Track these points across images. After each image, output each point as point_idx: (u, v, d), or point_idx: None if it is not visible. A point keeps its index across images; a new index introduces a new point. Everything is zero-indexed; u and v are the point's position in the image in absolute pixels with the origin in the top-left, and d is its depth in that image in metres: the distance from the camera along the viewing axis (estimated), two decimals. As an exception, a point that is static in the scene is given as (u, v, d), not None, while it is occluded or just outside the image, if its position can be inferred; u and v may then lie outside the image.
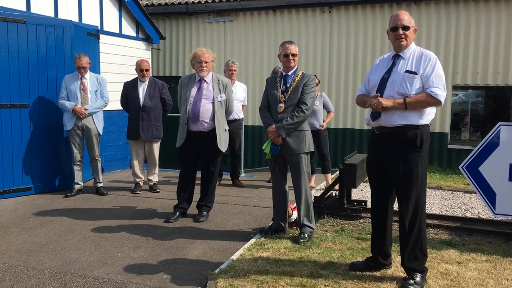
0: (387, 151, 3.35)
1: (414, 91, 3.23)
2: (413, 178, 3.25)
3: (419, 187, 3.27)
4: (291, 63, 4.44)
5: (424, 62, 3.23)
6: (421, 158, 3.26)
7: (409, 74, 3.25)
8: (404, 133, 3.26)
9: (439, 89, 3.18)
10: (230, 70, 6.83)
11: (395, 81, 3.28)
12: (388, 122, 3.30)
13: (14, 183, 6.10)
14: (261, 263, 3.70)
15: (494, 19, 8.51)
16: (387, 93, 3.29)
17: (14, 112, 6.05)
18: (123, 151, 8.51)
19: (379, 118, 3.32)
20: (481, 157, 4.30)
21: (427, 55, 3.27)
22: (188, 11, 10.32)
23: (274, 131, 4.35)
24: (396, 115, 3.25)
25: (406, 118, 3.24)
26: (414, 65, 3.26)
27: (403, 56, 3.34)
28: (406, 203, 3.29)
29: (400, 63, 3.32)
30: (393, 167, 3.31)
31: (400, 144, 3.28)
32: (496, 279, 3.48)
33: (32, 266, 3.75)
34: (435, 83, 3.19)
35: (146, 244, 4.31)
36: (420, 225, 3.29)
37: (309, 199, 4.50)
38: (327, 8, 9.48)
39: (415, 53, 3.31)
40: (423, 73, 3.22)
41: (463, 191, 7.14)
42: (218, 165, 5.23)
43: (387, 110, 3.25)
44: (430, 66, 3.21)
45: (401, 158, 3.27)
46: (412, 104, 3.20)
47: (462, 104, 9.88)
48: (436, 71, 3.21)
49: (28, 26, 6.07)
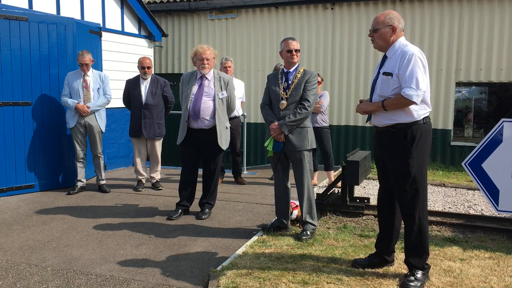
0: (381, 149, 3.41)
1: (390, 92, 3.22)
2: (409, 175, 3.23)
3: (413, 184, 3.24)
4: (295, 59, 4.43)
5: (401, 61, 3.16)
6: (413, 155, 3.22)
7: (384, 76, 3.25)
8: (394, 132, 3.27)
9: (411, 89, 3.09)
10: (225, 68, 6.61)
11: (378, 83, 3.33)
12: (377, 123, 3.38)
13: (17, 180, 6.12)
14: (263, 260, 3.70)
15: (497, 15, 8.46)
16: (374, 96, 3.37)
17: (17, 109, 6.06)
18: (125, 148, 8.52)
19: (370, 119, 3.45)
20: (484, 153, 4.29)
21: (405, 52, 3.17)
22: (190, 8, 10.31)
23: (276, 128, 4.34)
24: (381, 117, 3.32)
25: (391, 118, 3.26)
26: (391, 66, 3.23)
27: (388, 56, 3.32)
28: (402, 200, 3.31)
29: (385, 63, 3.32)
30: (387, 164, 3.37)
31: (390, 142, 3.30)
32: (499, 276, 3.46)
33: (35, 263, 3.76)
34: (408, 82, 3.11)
35: (148, 241, 4.32)
36: (421, 223, 3.27)
37: (312, 196, 4.49)
38: (329, 5, 9.44)
39: (398, 52, 3.24)
40: (398, 73, 3.17)
41: (466, 188, 7.12)
42: (219, 162, 5.23)
43: (372, 112, 3.37)
44: (404, 64, 3.13)
45: (391, 155, 3.31)
46: (389, 106, 3.22)
47: (465, 100, 9.85)
48: (411, 68, 3.10)
49: (30, 23, 6.07)
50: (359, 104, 3.46)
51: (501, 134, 4.22)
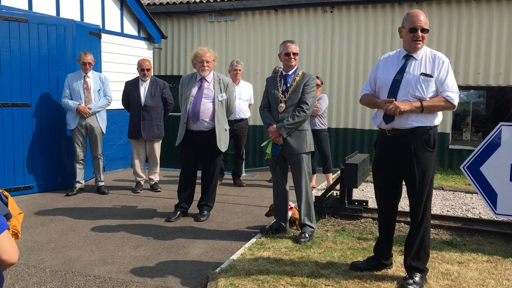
0: (401, 153, 3.30)
1: (429, 94, 3.23)
2: (427, 178, 3.27)
3: (430, 186, 3.31)
4: (292, 62, 4.43)
5: (438, 65, 3.22)
6: (433, 158, 3.29)
7: (425, 77, 3.22)
8: (419, 134, 3.26)
9: (454, 93, 3.21)
10: (235, 70, 6.82)
11: (409, 83, 3.23)
12: (403, 124, 3.25)
13: (16, 181, 6.11)
14: (261, 262, 3.70)
15: (496, 19, 8.49)
16: (401, 95, 3.24)
17: (16, 111, 6.06)
18: (124, 150, 8.52)
19: (393, 120, 3.27)
20: (482, 157, 4.30)
21: (440, 57, 3.25)
22: (190, 10, 10.32)
23: (275, 131, 4.35)
24: (412, 118, 3.23)
25: (421, 120, 3.24)
26: (428, 68, 3.23)
27: (415, 57, 3.28)
28: (419, 204, 3.29)
29: (413, 64, 3.26)
30: (409, 168, 3.27)
31: (415, 145, 3.25)
32: (497, 279, 3.47)
33: (33, 265, 3.75)
34: (450, 87, 3.20)
35: (147, 243, 4.32)
36: (426, 225, 3.32)
37: (310, 199, 4.50)
38: (328, 8, 9.47)
39: (427, 55, 3.27)
40: (438, 77, 3.21)
41: (464, 191, 7.13)
42: (218, 164, 5.23)
43: (404, 113, 3.22)
44: (444, 69, 3.22)
45: (416, 158, 3.25)
46: (429, 107, 3.20)
47: (464, 104, 9.87)
48: (450, 74, 3.23)
49: (30, 25, 6.08)
50: (394, 103, 3.19)
51: (499, 138, 4.23)
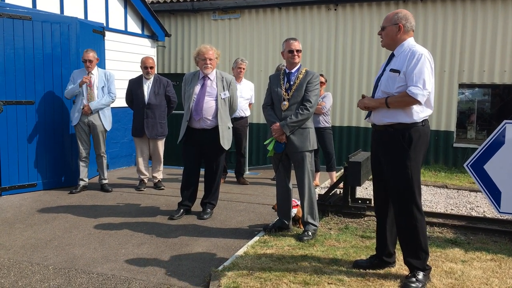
0: (379, 148, 3.40)
1: (395, 89, 3.21)
2: (401, 176, 3.24)
3: (408, 185, 3.23)
4: (296, 59, 4.42)
5: (409, 59, 3.16)
6: (411, 156, 3.22)
7: (392, 73, 3.25)
8: (392, 131, 3.26)
9: (417, 88, 3.09)
10: (239, 68, 6.82)
11: (383, 80, 3.32)
12: (377, 121, 3.36)
13: (20, 179, 6.14)
14: (264, 260, 3.70)
15: (501, 17, 8.44)
16: (378, 92, 3.35)
17: (20, 108, 6.08)
18: (128, 148, 8.53)
19: (370, 116, 3.42)
20: (486, 155, 4.28)
21: (414, 52, 3.18)
22: (194, 8, 10.32)
23: (278, 129, 4.34)
24: (382, 114, 3.30)
25: (392, 116, 3.25)
26: (399, 63, 3.23)
27: (395, 54, 3.33)
28: (394, 201, 3.33)
29: (392, 61, 3.32)
30: (384, 163, 3.36)
31: (388, 142, 3.30)
32: (501, 278, 3.45)
33: (37, 262, 3.77)
34: (415, 81, 3.11)
35: (150, 241, 4.32)
36: (415, 223, 3.24)
37: (313, 197, 4.49)
38: (332, 6, 9.44)
39: (406, 51, 3.24)
40: (406, 70, 3.17)
41: (469, 189, 7.10)
42: (221, 162, 5.23)
43: (373, 109, 3.35)
44: (413, 63, 3.13)
45: (389, 155, 3.30)
46: (393, 103, 3.21)
47: (468, 102, 9.83)
48: (419, 68, 3.11)
49: (33, 23, 6.09)
50: (361, 99, 3.43)
51: (503, 136, 4.20)
